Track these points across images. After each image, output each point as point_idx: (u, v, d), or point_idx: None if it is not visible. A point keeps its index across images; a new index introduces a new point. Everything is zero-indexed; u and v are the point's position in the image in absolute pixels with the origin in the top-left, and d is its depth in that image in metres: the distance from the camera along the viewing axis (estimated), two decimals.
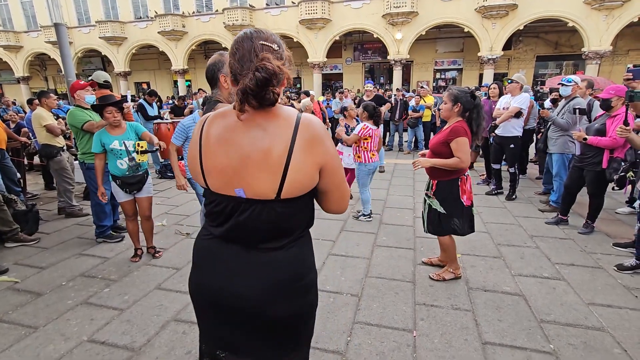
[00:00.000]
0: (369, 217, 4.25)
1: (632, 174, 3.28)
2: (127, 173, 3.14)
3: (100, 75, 4.38)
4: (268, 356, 1.14)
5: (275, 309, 1.08)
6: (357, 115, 5.07)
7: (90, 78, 4.38)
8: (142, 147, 3.15)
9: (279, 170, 0.97)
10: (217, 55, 1.99)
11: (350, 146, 4.47)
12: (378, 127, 4.19)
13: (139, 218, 3.36)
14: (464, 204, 2.67)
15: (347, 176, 4.98)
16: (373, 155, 4.17)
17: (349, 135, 4.36)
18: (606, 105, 3.50)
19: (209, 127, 1.05)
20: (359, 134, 4.03)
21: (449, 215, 2.68)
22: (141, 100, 7.06)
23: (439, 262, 3.10)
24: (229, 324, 1.12)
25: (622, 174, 3.32)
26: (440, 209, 2.69)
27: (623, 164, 3.35)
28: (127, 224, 3.33)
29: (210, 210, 1.10)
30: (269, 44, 1.04)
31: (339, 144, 4.99)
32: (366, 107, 4.13)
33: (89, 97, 3.74)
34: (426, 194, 2.83)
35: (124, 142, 3.13)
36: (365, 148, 4.12)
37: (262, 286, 1.06)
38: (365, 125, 4.05)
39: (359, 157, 4.17)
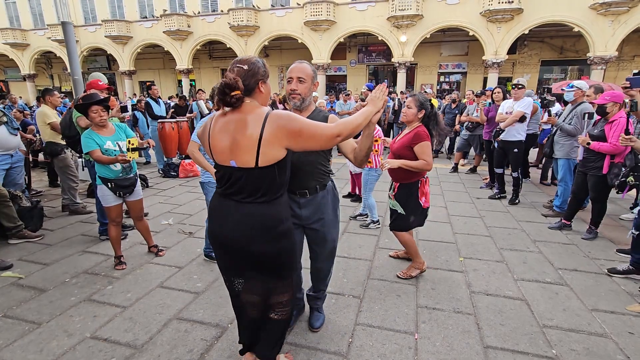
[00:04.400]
0: (378, 224, 4.12)
1: (633, 178, 3.28)
2: (121, 175, 3.06)
3: (97, 78, 4.28)
4: (261, 280, 1.67)
5: (254, 247, 1.57)
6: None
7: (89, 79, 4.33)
8: (132, 144, 3.06)
9: (255, 148, 1.44)
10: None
11: None
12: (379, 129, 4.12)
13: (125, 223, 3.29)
14: (422, 205, 2.82)
15: (356, 181, 4.96)
16: (382, 158, 4.01)
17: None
18: (601, 111, 3.52)
19: (215, 122, 1.56)
20: None
21: (407, 215, 2.83)
22: (147, 100, 7.07)
23: (405, 255, 3.24)
24: (230, 257, 1.66)
25: (623, 179, 3.32)
26: (400, 210, 2.83)
27: (624, 169, 3.35)
28: (111, 230, 3.14)
29: (218, 176, 1.62)
30: (240, 65, 1.50)
31: None
32: None
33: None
34: (389, 195, 2.97)
35: (117, 143, 3.04)
36: (376, 151, 3.97)
37: (241, 230, 1.56)
38: None
39: (369, 161, 3.81)
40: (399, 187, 2.83)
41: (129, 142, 3.06)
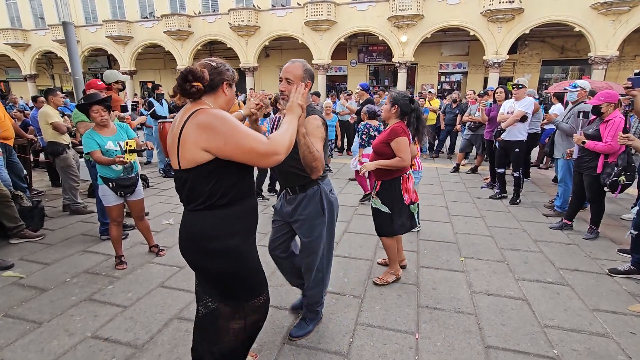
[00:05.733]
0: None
1: (624, 178, 3.28)
2: (122, 175, 3.06)
3: (111, 76, 4.28)
4: (210, 298, 1.56)
5: (187, 258, 1.50)
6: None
7: (102, 78, 4.35)
8: (130, 145, 3.05)
9: (176, 148, 1.35)
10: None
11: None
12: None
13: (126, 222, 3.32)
14: (405, 202, 2.74)
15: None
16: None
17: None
18: (596, 111, 3.52)
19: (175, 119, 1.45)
20: None
21: (392, 215, 2.74)
22: (150, 99, 7.08)
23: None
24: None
25: (615, 178, 3.32)
26: (384, 209, 2.76)
27: (616, 168, 3.35)
28: (112, 230, 3.15)
29: None
30: (209, 61, 1.43)
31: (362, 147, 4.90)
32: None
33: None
34: (372, 195, 2.91)
35: (118, 143, 3.05)
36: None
37: (180, 236, 1.50)
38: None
39: (412, 163, 3.32)
40: (381, 185, 2.79)
41: (127, 144, 3.06)
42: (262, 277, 1.61)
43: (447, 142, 8.72)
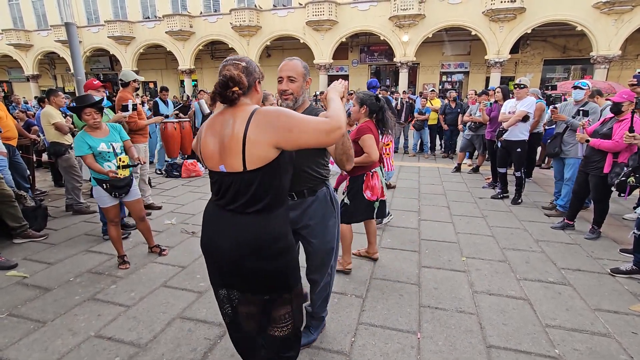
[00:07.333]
0: (381, 221, 4.10)
1: (634, 179, 3.25)
2: None
3: (129, 75, 4.32)
4: (256, 294, 1.48)
5: (246, 263, 1.41)
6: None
7: (120, 77, 4.44)
8: (123, 161, 3.02)
9: (240, 149, 1.31)
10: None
11: None
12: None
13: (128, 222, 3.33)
14: (367, 198, 2.94)
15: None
16: (393, 161, 4.10)
17: None
18: (617, 109, 3.49)
19: (206, 124, 1.46)
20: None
21: (349, 206, 2.97)
22: (156, 99, 7.11)
23: (365, 253, 3.34)
24: (222, 270, 1.50)
25: (623, 178, 3.30)
26: (346, 200, 2.99)
27: (626, 169, 3.33)
28: (111, 230, 3.13)
29: (211, 184, 1.49)
30: (237, 62, 1.42)
31: None
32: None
33: (98, 97, 3.76)
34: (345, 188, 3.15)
35: (111, 144, 3.04)
36: (387, 154, 4.02)
37: (234, 244, 1.41)
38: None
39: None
40: (350, 180, 3.01)
41: (120, 159, 3.03)
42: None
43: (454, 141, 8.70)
